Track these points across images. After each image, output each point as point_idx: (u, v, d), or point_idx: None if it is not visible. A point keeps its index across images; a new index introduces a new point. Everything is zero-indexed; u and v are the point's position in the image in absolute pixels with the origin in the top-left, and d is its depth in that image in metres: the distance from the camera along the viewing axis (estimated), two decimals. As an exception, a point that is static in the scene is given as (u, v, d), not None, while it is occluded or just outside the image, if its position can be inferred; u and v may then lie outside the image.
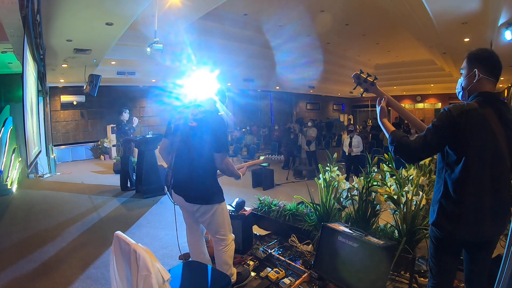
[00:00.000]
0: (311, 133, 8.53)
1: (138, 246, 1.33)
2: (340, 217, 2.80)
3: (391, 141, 1.48)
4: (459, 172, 1.36)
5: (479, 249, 1.45)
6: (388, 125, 1.58)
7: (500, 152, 1.33)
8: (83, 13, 3.95)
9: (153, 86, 11.90)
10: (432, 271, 1.52)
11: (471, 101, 1.42)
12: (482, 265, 1.48)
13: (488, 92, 1.41)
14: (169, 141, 2.15)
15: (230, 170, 2.07)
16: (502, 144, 1.33)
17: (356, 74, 1.71)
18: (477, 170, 1.34)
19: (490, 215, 1.34)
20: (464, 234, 1.39)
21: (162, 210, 4.70)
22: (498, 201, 1.35)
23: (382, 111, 1.65)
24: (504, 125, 1.34)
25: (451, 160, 1.39)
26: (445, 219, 1.42)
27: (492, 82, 1.43)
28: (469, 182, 1.35)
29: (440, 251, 1.48)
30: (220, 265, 2.14)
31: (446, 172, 1.42)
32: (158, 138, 5.64)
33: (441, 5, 4.35)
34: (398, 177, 2.53)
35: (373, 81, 1.69)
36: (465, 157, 1.34)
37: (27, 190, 6.22)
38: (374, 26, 9.04)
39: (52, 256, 3.15)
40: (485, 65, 1.43)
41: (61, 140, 10.42)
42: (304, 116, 18.52)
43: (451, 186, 1.39)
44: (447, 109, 1.38)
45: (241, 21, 8.16)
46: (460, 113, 1.34)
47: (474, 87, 1.44)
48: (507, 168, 1.36)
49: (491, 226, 1.37)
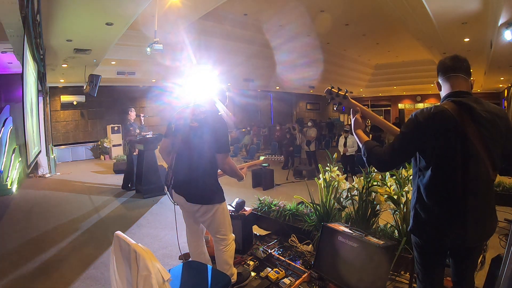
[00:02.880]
0: (311, 133, 8.53)
1: (138, 246, 1.33)
2: (340, 217, 2.80)
3: (363, 151, 1.48)
4: (429, 177, 1.33)
5: (462, 255, 1.42)
6: (362, 135, 1.57)
7: (474, 153, 1.26)
8: (83, 13, 3.95)
9: (153, 86, 11.90)
10: (419, 276, 1.51)
11: (442, 102, 1.39)
12: (466, 270, 1.45)
13: (458, 91, 1.36)
14: (170, 141, 2.15)
15: (232, 170, 2.05)
16: (476, 144, 1.26)
17: (328, 89, 1.72)
18: (447, 174, 1.29)
19: (470, 221, 1.28)
20: (442, 241, 1.35)
21: (162, 210, 4.70)
22: (477, 205, 1.28)
23: (356, 123, 1.65)
24: (476, 123, 1.27)
25: (422, 166, 1.37)
26: (420, 226, 1.39)
27: (459, 78, 1.38)
28: (440, 187, 1.31)
29: (423, 256, 1.47)
30: (220, 265, 2.14)
31: (418, 177, 1.40)
32: (158, 138, 5.64)
33: (441, 5, 4.35)
34: (398, 177, 2.54)
35: (345, 95, 1.70)
36: (434, 162, 1.31)
37: (27, 190, 6.22)
38: (374, 26, 9.05)
39: (52, 256, 3.15)
40: (441, 67, 1.44)
41: (61, 140, 10.42)
42: (304, 116, 18.54)
43: (423, 191, 1.36)
44: (414, 115, 1.36)
45: (241, 21, 8.16)
46: (426, 118, 1.31)
47: (445, 90, 1.43)
48: (485, 169, 1.28)
49: (472, 233, 1.29)
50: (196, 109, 2.08)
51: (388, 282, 2.23)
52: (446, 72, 1.41)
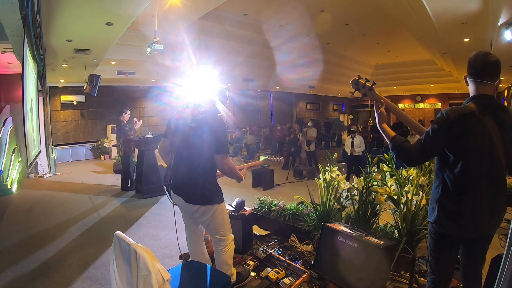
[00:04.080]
0: (311, 133, 8.53)
1: (138, 246, 1.33)
2: (340, 217, 2.80)
3: (392, 147, 1.52)
4: (458, 172, 1.40)
5: (477, 242, 1.51)
6: (388, 130, 1.60)
7: (496, 153, 1.37)
8: (83, 13, 3.95)
9: (153, 86, 11.90)
10: (432, 266, 1.57)
11: (467, 103, 1.45)
12: (478, 258, 1.53)
13: (483, 95, 1.43)
14: (169, 141, 2.15)
15: (231, 171, 2.05)
16: (497, 145, 1.37)
17: (355, 79, 1.73)
18: (475, 171, 1.38)
19: (488, 212, 1.40)
20: (465, 231, 1.44)
21: (162, 210, 4.69)
22: (495, 198, 1.41)
23: (381, 116, 1.66)
24: (499, 127, 1.38)
25: (450, 161, 1.43)
26: (446, 217, 1.46)
27: (485, 84, 1.44)
28: (468, 182, 1.40)
29: (439, 245, 1.53)
30: (219, 266, 2.14)
31: (445, 172, 1.46)
32: (158, 138, 5.64)
33: (441, 5, 4.34)
34: (398, 177, 2.54)
35: (371, 86, 1.70)
36: (464, 159, 1.39)
37: (27, 190, 6.22)
38: (374, 26, 9.04)
39: (52, 256, 3.15)
40: (471, 69, 1.47)
41: (61, 140, 10.42)
42: (304, 116, 18.52)
43: (451, 186, 1.44)
44: (445, 113, 1.41)
45: (241, 21, 8.16)
46: (457, 116, 1.38)
47: (471, 90, 1.49)
48: (502, 167, 1.41)
49: (489, 221, 1.43)
50: (195, 109, 2.08)
51: (388, 282, 2.23)
52: (472, 76, 1.47)
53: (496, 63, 1.42)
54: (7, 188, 5.77)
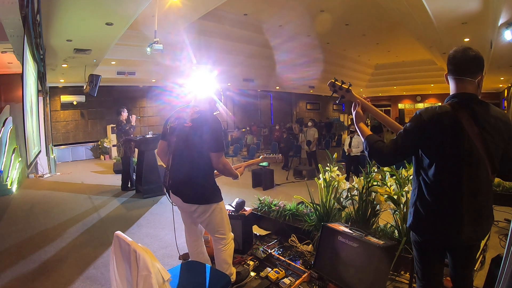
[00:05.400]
0: (312, 133, 8.52)
1: (138, 246, 1.33)
2: (340, 217, 2.80)
3: (365, 145, 1.47)
4: (432, 176, 1.34)
5: (459, 253, 1.43)
6: (364, 129, 1.56)
7: (476, 155, 1.28)
8: (83, 13, 3.95)
9: (153, 86, 11.90)
10: (418, 274, 1.51)
11: (446, 102, 1.39)
12: (464, 268, 1.45)
13: (463, 93, 1.36)
14: (166, 142, 2.15)
15: (227, 169, 2.06)
16: (478, 146, 1.28)
17: (331, 82, 1.73)
18: (450, 174, 1.31)
19: (468, 220, 1.30)
20: (440, 238, 1.37)
21: (162, 210, 4.69)
22: (476, 205, 1.31)
23: (357, 116, 1.65)
24: (479, 126, 1.28)
25: (424, 164, 1.37)
26: (421, 223, 1.40)
27: (465, 81, 1.35)
28: (443, 186, 1.33)
29: (422, 254, 1.47)
30: (219, 264, 2.14)
31: (420, 175, 1.40)
32: (158, 138, 5.60)
33: (441, 5, 4.35)
34: (398, 177, 2.53)
35: (348, 88, 1.70)
36: (437, 161, 1.32)
37: (27, 190, 6.22)
38: (374, 26, 9.04)
39: (52, 256, 3.15)
40: (450, 66, 1.40)
41: (61, 140, 10.42)
42: (304, 116, 18.54)
43: (425, 189, 1.37)
44: (419, 113, 1.36)
45: (241, 21, 8.16)
46: (430, 117, 1.31)
47: (451, 89, 1.41)
48: (485, 170, 1.30)
49: (470, 231, 1.31)
50: (191, 109, 2.09)
51: (388, 282, 2.23)
52: (452, 72, 1.40)
53: (476, 58, 1.34)
54: (7, 188, 5.77)
